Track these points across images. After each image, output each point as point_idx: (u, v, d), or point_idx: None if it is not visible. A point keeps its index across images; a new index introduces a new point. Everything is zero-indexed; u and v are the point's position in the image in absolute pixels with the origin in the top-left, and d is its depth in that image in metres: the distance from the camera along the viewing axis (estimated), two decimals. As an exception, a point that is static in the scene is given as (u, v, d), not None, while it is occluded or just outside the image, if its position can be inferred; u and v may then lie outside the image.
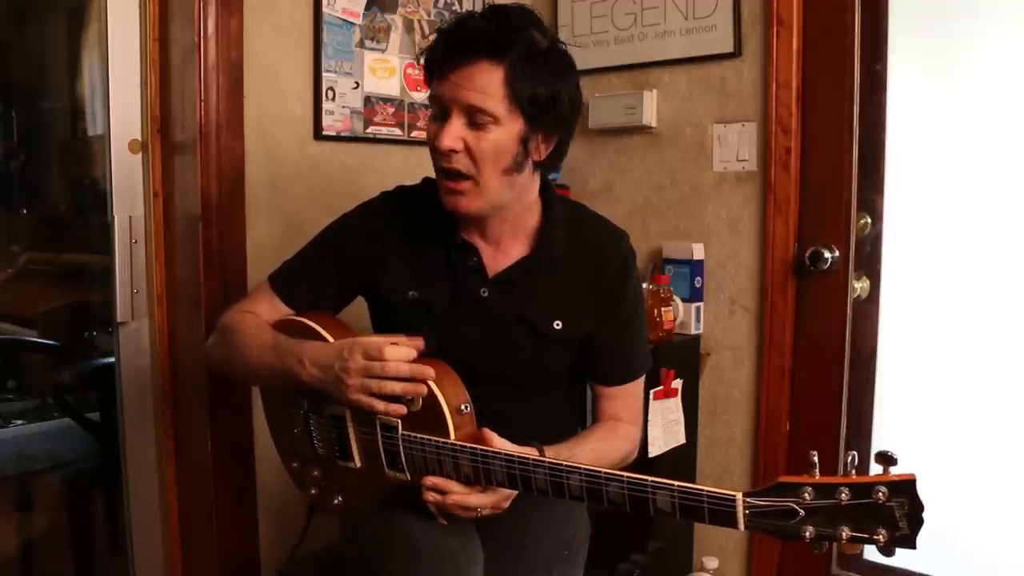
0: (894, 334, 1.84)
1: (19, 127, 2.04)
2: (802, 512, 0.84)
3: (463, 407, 1.12)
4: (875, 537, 0.81)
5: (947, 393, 1.77)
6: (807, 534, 0.84)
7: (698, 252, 2.00)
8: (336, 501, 1.24)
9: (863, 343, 1.85)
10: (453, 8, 2.06)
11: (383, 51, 1.93)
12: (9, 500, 2.00)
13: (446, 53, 1.13)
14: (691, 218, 2.04)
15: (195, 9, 1.58)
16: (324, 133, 1.82)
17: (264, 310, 1.29)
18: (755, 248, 1.94)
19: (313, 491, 1.27)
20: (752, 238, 1.94)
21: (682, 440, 1.92)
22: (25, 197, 2.09)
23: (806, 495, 0.84)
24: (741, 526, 0.87)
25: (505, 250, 1.26)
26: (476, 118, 1.12)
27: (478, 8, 2.10)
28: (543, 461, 1.02)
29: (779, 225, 1.88)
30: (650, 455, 1.81)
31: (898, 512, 0.80)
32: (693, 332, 2.00)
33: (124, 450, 1.75)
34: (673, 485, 0.92)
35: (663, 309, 1.90)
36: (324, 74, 1.81)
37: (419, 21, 1.99)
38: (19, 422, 2.05)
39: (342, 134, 1.86)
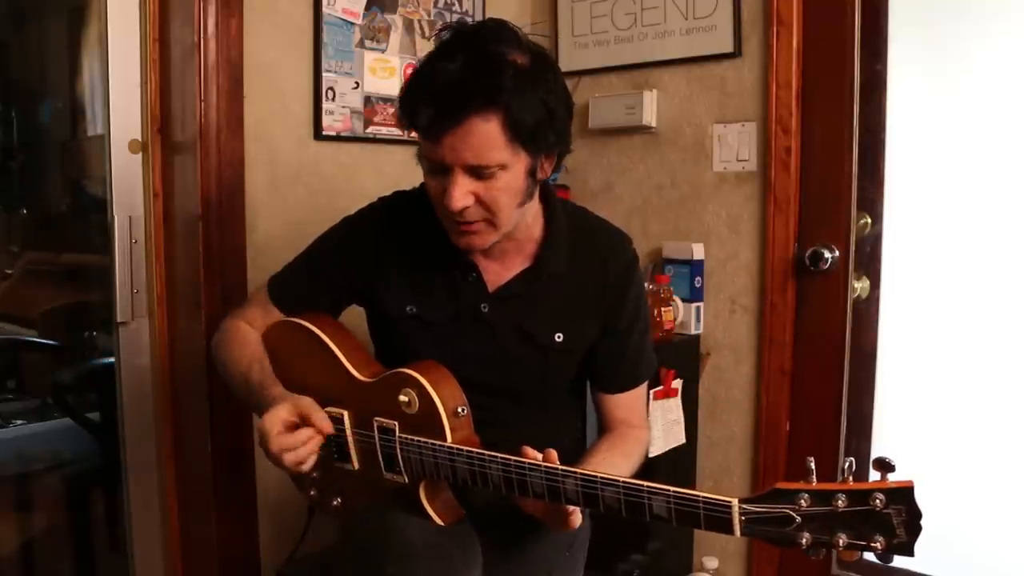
0: (894, 334, 1.84)
1: (19, 127, 2.04)
2: (798, 519, 0.83)
3: (460, 410, 1.11)
4: (872, 544, 0.80)
5: (947, 393, 1.76)
6: (803, 541, 0.83)
7: (698, 252, 2.00)
8: (335, 502, 1.24)
9: (863, 343, 1.85)
10: (453, 8, 2.06)
11: (383, 51, 1.93)
12: (9, 500, 2.00)
13: (433, 117, 1.04)
14: (691, 218, 2.04)
15: (195, 9, 1.58)
16: (324, 133, 1.82)
17: (261, 319, 1.31)
18: (755, 248, 1.94)
19: (312, 492, 1.27)
20: (752, 238, 1.94)
21: (682, 440, 1.92)
22: (25, 197, 2.09)
23: (802, 502, 0.83)
24: (737, 532, 0.87)
25: (506, 263, 1.23)
26: (482, 172, 1.07)
27: (478, 13, 2.10)
28: (539, 465, 1.01)
29: (779, 225, 1.88)
30: (650, 455, 1.80)
31: (896, 519, 0.79)
32: (693, 332, 2.00)
33: (124, 450, 1.75)
34: (669, 491, 0.91)
35: (663, 309, 1.90)
36: (324, 74, 1.81)
37: (419, 21, 1.99)
38: (19, 422, 2.05)
39: (342, 134, 1.86)
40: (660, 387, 1.84)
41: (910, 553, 0.80)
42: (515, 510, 1.23)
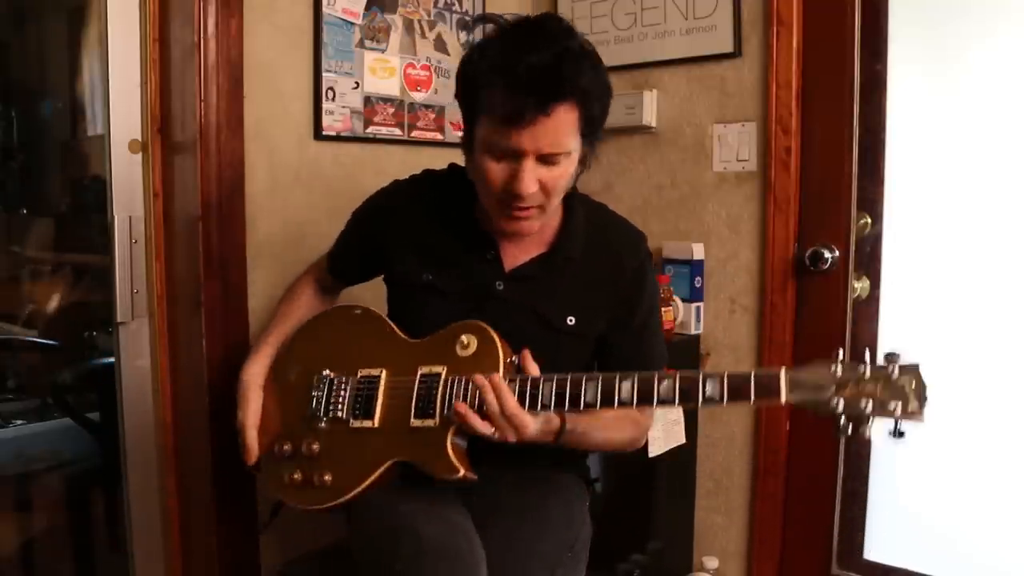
0: (894, 334, 1.84)
1: (19, 127, 2.05)
2: (833, 388, 0.98)
3: (513, 359, 1.16)
4: (891, 408, 0.96)
5: (947, 393, 1.76)
6: (838, 405, 0.97)
7: (698, 252, 2.00)
8: (327, 478, 1.23)
9: (863, 343, 1.85)
10: (453, 8, 2.06)
11: (383, 51, 1.92)
12: (9, 500, 2.00)
13: (519, 107, 1.07)
14: (691, 218, 2.04)
15: (195, 9, 1.58)
16: (324, 133, 1.82)
17: (318, 275, 1.48)
18: (755, 248, 1.94)
19: (296, 475, 1.25)
20: (752, 238, 1.94)
21: (682, 440, 1.92)
22: (25, 197, 2.09)
23: (836, 369, 0.99)
24: (783, 398, 1.00)
25: (524, 246, 1.28)
26: (551, 159, 1.13)
27: (478, 7, 2.10)
28: (595, 375, 1.08)
29: (779, 225, 1.88)
30: (650, 455, 1.81)
31: (908, 388, 0.96)
32: (693, 332, 2.00)
33: (124, 450, 1.75)
34: (721, 373, 1.02)
35: (663, 309, 1.90)
36: (324, 74, 1.81)
37: (419, 21, 1.99)
38: (19, 422, 2.05)
39: (342, 134, 1.86)
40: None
41: (920, 418, 0.96)
42: (514, 509, 1.23)
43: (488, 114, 1.12)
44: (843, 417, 0.98)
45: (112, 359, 1.74)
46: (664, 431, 1.86)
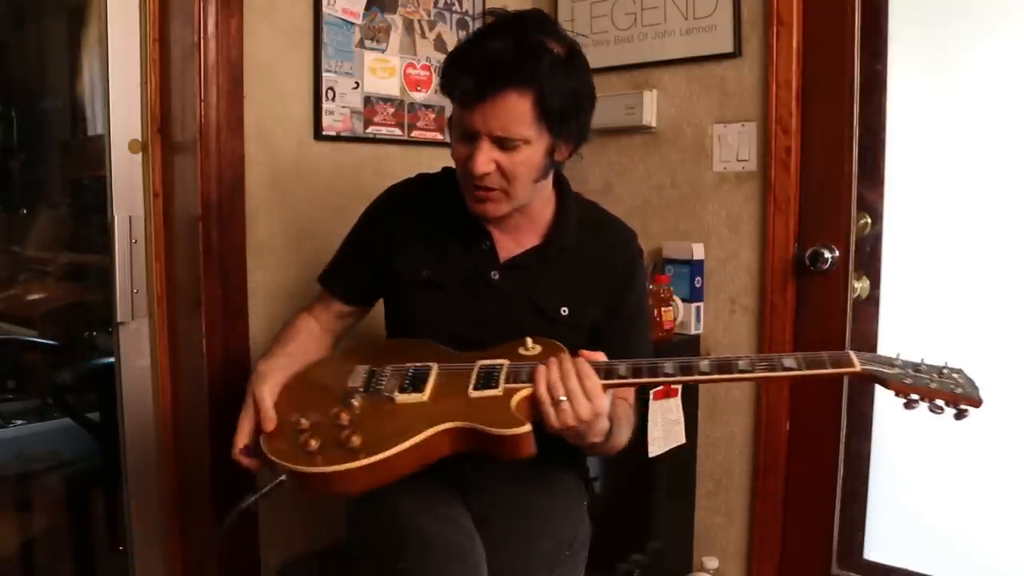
0: (894, 334, 1.84)
1: (19, 127, 2.05)
2: (899, 363, 1.08)
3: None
4: (954, 388, 1.05)
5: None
6: (908, 381, 1.06)
7: (698, 252, 2.00)
8: (355, 439, 1.08)
9: (863, 343, 1.85)
10: (453, 8, 2.06)
11: (383, 51, 1.92)
12: (9, 500, 2.00)
13: (472, 87, 1.14)
14: (691, 218, 2.04)
15: (195, 9, 1.58)
16: (324, 133, 1.82)
17: (319, 305, 1.43)
18: (755, 248, 1.94)
19: (313, 441, 1.10)
20: (752, 238, 1.94)
21: (682, 440, 1.92)
22: (25, 197, 2.09)
23: (897, 363, 1.08)
24: (858, 367, 1.07)
25: (518, 238, 1.31)
26: (506, 143, 1.16)
27: (478, 7, 2.11)
28: (673, 359, 1.11)
29: (779, 225, 1.88)
30: (650, 455, 1.81)
31: (960, 380, 1.08)
32: (693, 332, 2.00)
33: (124, 450, 1.75)
34: (796, 354, 1.10)
35: (663, 309, 1.90)
36: (324, 74, 1.81)
37: (419, 21, 1.99)
38: (19, 422, 2.05)
39: (342, 134, 1.86)
40: (660, 387, 1.84)
41: (978, 401, 1.05)
42: (512, 508, 1.23)
43: (453, 96, 1.18)
44: (913, 389, 1.05)
45: (112, 359, 1.74)
46: (664, 431, 1.86)
